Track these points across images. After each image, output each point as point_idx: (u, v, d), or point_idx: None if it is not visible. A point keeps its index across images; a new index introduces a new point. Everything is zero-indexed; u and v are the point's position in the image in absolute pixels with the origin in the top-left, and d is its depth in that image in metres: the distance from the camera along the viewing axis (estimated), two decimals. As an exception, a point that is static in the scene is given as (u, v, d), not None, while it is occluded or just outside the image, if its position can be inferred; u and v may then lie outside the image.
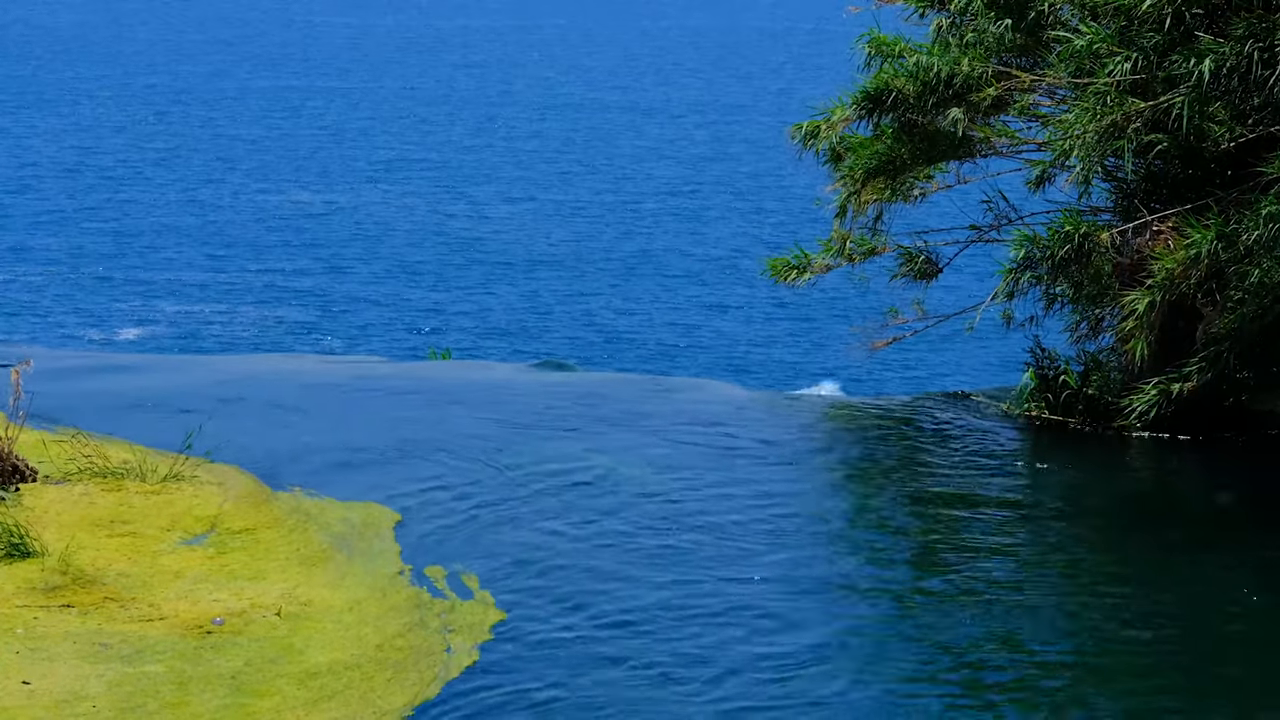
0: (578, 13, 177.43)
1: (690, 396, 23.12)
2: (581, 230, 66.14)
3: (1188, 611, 15.07)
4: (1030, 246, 20.46)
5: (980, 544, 16.62)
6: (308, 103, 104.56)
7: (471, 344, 48.34)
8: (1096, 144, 19.25)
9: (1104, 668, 13.97)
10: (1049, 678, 13.65)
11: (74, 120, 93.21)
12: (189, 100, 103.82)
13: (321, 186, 75.01)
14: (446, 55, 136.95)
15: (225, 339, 48.90)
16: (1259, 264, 18.91)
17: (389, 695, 12.83)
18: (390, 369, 25.92)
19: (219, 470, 17.46)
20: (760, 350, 48.41)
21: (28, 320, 50.36)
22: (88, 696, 12.48)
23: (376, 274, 58.40)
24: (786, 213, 67.04)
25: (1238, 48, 18.68)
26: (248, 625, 13.85)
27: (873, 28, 22.38)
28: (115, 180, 74.93)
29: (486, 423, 20.49)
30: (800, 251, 23.14)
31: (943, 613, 14.88)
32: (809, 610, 14.79)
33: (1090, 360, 21.47)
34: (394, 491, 17.53)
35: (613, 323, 51.91)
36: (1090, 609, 15.15)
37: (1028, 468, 20.22)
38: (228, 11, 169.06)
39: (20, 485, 16.33)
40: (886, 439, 20.96)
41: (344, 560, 15.41)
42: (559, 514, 17.10)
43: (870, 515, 17.80)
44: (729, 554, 16.11)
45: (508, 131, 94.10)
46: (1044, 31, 21.07)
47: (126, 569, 14.83)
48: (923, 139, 21.82)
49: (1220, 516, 18.31)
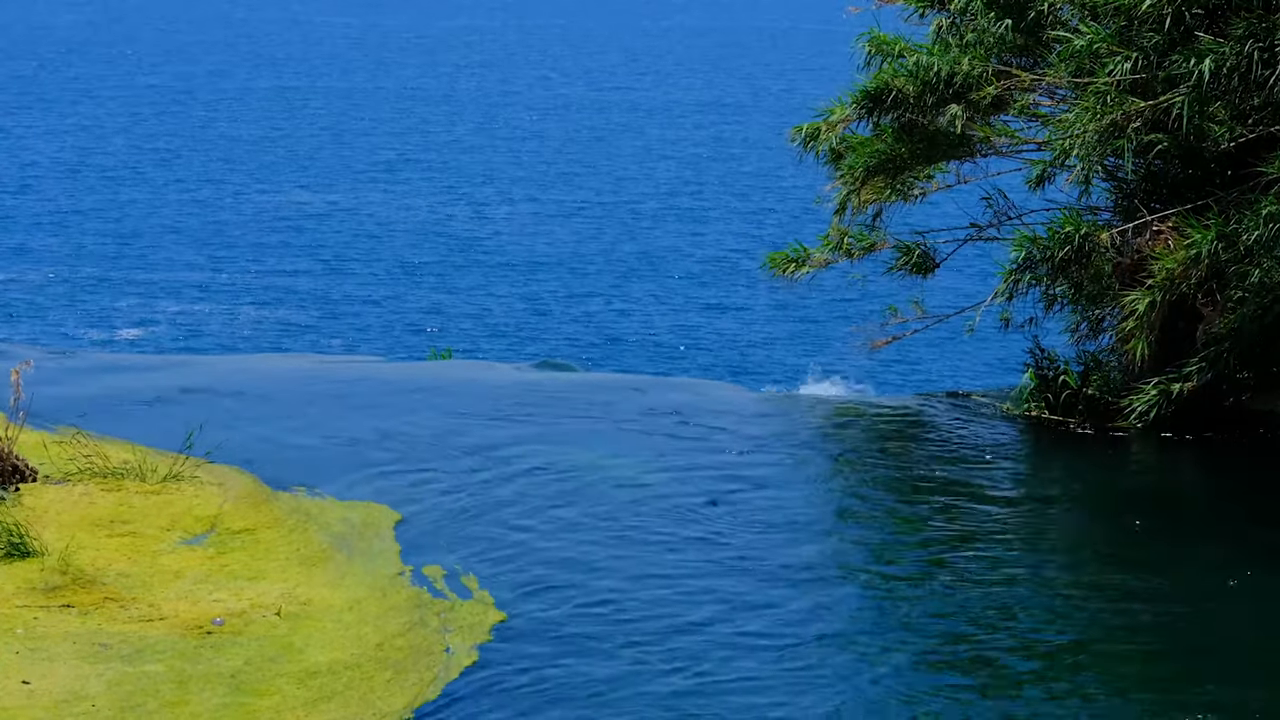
0: (579, 13, 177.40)
1: (691, 396, 23.13)
2: (582, 230, 66.12)
3: (1187, 609, 15.07)
4: (1030, 247, 20.47)
5: (979, 543, 16.62)
6: (308, 103, 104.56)
7: (472, 344, 48.31)
8: (1096, 144, 19.26)
9: (1104, 656, 14.00)
10: (1047, 667, 13.68)
11: (75, 120, 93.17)
12: (189, 101, 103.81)
13: (322, 187, 75.00)
14: (447, 55, 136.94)
15: (225, 339, 48.88)
16: (1259, 264, 18.92)
17: (389, 695, 12.83)
18: (390, 369, 25.92)
19: (219, 470, 17.46)
20: (760, 350, 48.39)
21: (28, 320, 50.34)
22: (88, 696, 12.48)
23: (377, 274, 58.37)
24: (787, 213, 67.03)
25: (1238, 48, 18.68)
26: (248, 625, 13.85)
27: (873, 27, 22.40)
28: (116, 180, 74.90)
29: (487, 423, 20.49)
30: (799, 246, 23.15)
31: (940, 603, 14.89)
32: (814, 605, 14.80)
33: (1090, 360, 21.47)
34: (394, 491, 17.53)
35: (613, 323, 51.90)
36: (1090, 604, 15.15)
37: (1027, 468, 20.23)
38: (228, 12, 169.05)
39: (20, 485, 16.33)
40: (886, 439, 20.96)
41: (344, 560, 15.42)
42: (560, 514, 17.10)
43: (870, 513, 17.80)
44: (730, 553, 16.11)
45: (508, 132, 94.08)
46: (1044, 31, 21.08)
47: (126, 569, 14.84)
48: (923, 138, 21.83)
49: (1220, 516, 18.31)
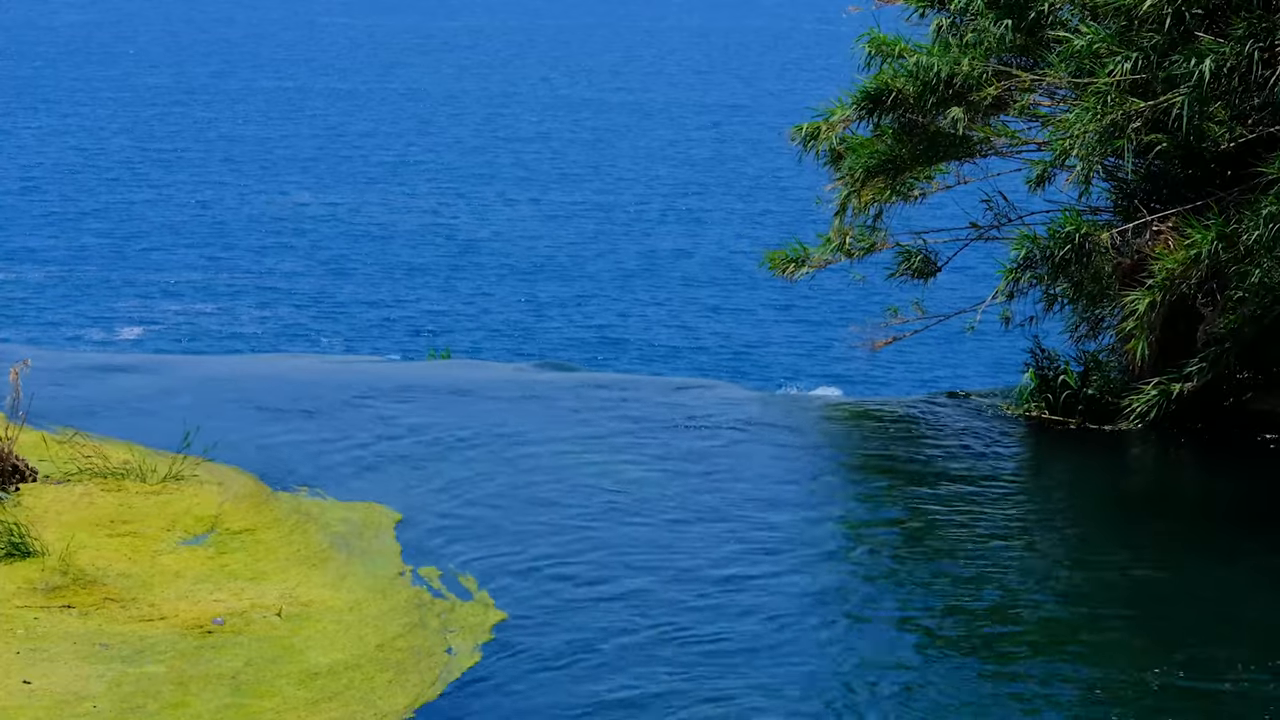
0: (579, 13, 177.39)
1: (692, 397, 23.11)
2: (583, 231, 66.13)
3: (1187, 609, 15.07)
4: (1030, 246, 20.47)
5: (979, 542, 16.61)
6: (310, 104, 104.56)
7: (472, 345, 48.31)
8: (1097, 144, 19.26)
9: (1100, 651, 14.02)
10: (1046, 668, 13.69)
11: (76, 121, 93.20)
12: (191, 101, 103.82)
13: (322, 187, 75.01)
14: (449, 56, 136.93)
15: (225, 339, 48.88)
16: (1259, 264, 18.91)
17: (389, 696, 12.83)
18: (390, 369, 25.92)
19: (219, 470, 17.47)
20: (761, 350, 48.39)
21: (28, 320, 50.35)
22: (88, 696, 12.49)
23: (377, 275, 58.38)
24: (788, 214, 67.02)
25: (1238, 48, 18.68)
26: (248, 625, 13.86)
27: (872, 27, 22.39)
28: (117, 181, 74.92)
29: (487, 423, 20.49)
30: (799, 245, 23.15)
31: (940, 603, 14.91)
32: (818, 605, 14.82)
33: (1090, 360, 21.47)
34: (394, 492, 17.53)
35: (613, 323, 51.90)
36: (1090, 604, 15.16)
37: (1027, 468, 20.23)
38: (230, 12, 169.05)
39: (20, 485, 16.33)
40: (886, 439, 20.95)
41: (344, 560, 15.42)
42: (560, 514, 17.10)
43: (870, 513, 17.81)
44: (730, 552, 16.11)
45: (510, 133, 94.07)
46: (1044, 31, 21.07)
47: (127, 569, 14.84)
48: (923, 139, 21.82)
49: (1220, 516, 18.30)
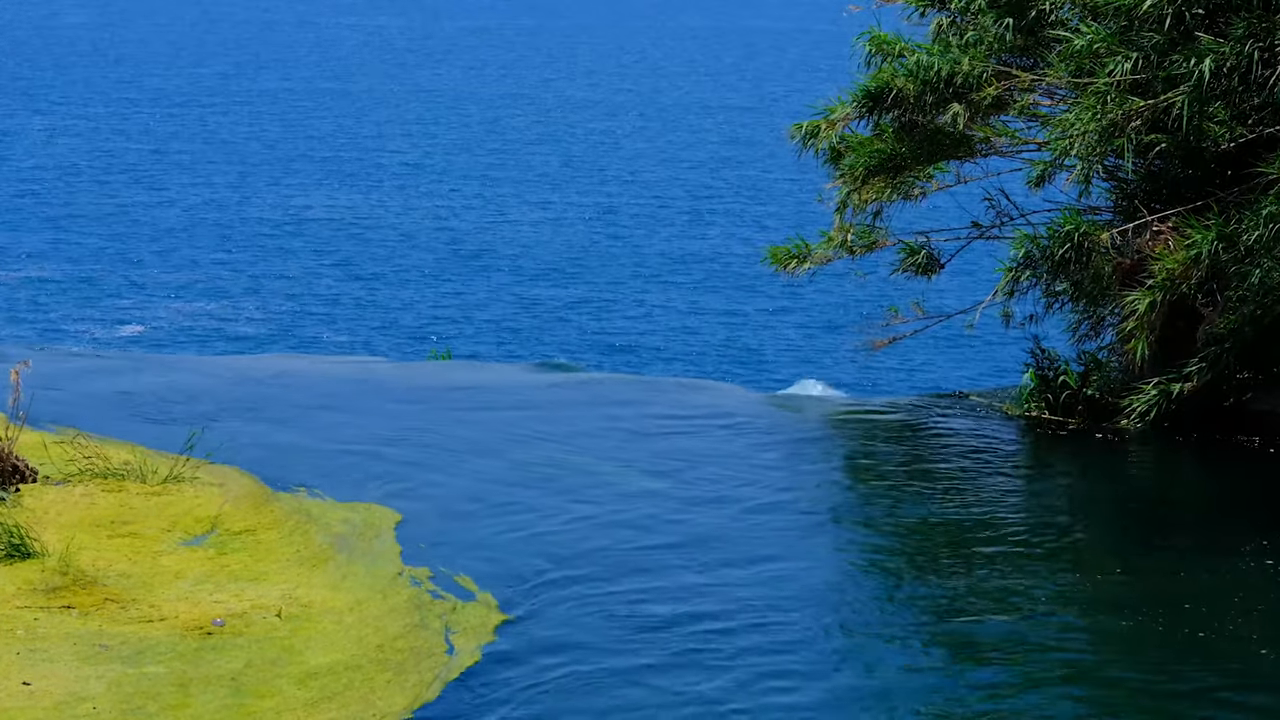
0: (579, 13, 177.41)
1: (692, 397, 23.12)
2: (583, 231, 66.11)
3: (1187, 609, 15.05)
4: (1030, 246, 20.47)
5: (978, 542, 16.62)
6: (312, 104, 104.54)
7: (472, 345, 48.29)
8: (1096, 143, 19.26)
9: (1100, 650, 14.02)
10: (1045, 666, 13.69)
11: (82, 121, 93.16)
12: (195, 103, 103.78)
13: (324, 188, 75.00)
14: (452, 57, 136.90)
15: (226, 339, 48.86)
16: (1259, 264, 18.92)
17: (389, 696, 12.83)
18: (391, 369, 25.92)
19: (219, 471, 17.47)
20: (761, 351, 48.38)
21: (28, 320, 50.33)
22: (88, 697, 12.49)
23: (377, 275, 58.36)
24: (789, 215, 67.00)
25: (1238, 48, 18.68)
26: (248, 626, 13.85)
27: (872, 26, 22.39)
28: (120, 181, 74.90)
29: (487, 423, 20.49)
30: (800, 241, 23.15)
31: (939, 600, 14.90)
32: (818, 603, 14.81)
33: (1090, 360, 21.47)
34: (395, 492, 17.53)
35: (614, 324, 51.89)
36: (1090, 604, 15.15)
37: (1027, 468, 20.22)
38: (233, 13, 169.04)
39: (21, 486, 16.33)
40: (885, 439, 20.96)
41: (344, 561, 15.41)
42: (560, 514, 17.10)
43: (870, 513, 17.80)
44: (729, 551, 16.11)
45: (513, 134, 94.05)
46: (1044, 31, 21.07)
47: (127, 570, 14.84)
48: (923, 138, 21.82)
49: (1220, 516, 18.30)
